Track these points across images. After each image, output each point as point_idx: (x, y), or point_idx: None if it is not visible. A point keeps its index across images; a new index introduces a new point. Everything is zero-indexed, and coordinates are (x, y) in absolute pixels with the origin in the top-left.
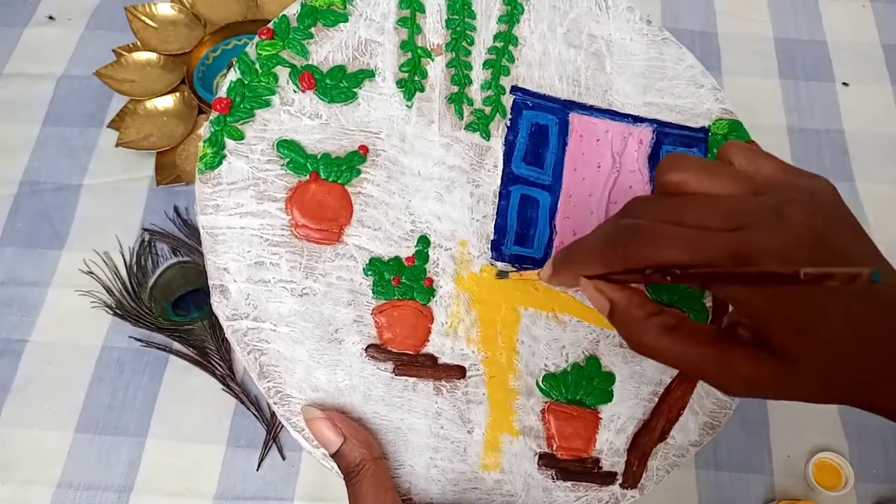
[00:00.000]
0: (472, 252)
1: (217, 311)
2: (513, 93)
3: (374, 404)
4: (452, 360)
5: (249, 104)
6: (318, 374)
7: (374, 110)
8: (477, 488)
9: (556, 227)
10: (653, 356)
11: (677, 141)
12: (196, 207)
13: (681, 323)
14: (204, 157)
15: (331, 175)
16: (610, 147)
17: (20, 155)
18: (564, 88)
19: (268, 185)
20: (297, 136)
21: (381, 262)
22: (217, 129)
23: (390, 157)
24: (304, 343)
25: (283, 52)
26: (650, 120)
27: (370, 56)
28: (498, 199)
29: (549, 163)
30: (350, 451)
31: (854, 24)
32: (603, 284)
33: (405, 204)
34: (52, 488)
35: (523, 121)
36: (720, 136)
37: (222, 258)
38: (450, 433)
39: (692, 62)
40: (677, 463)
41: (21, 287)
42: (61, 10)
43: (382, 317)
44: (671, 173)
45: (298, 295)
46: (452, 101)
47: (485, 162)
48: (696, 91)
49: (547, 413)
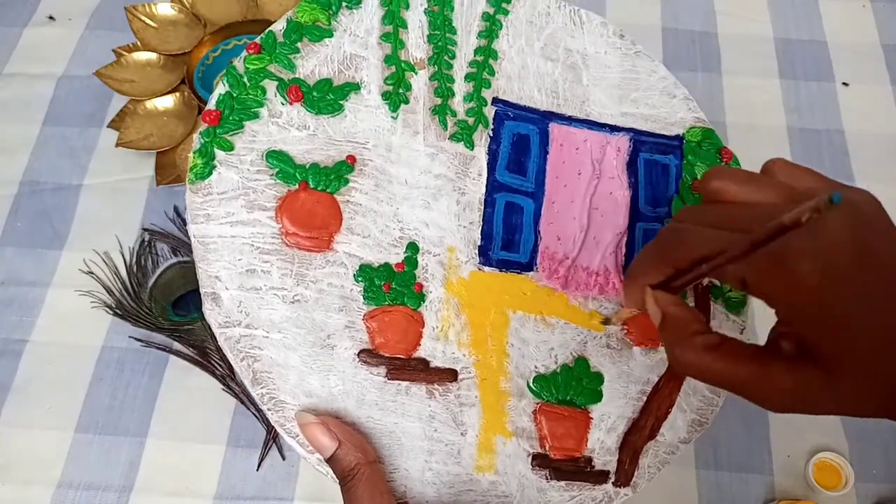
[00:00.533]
0: (459, 257)
1: (209, 318)
2: (494, 104)
3: (368, 408)
4: (444, 363)
5: (238, 116)
6: (311, 379)
7: (360, 122)
8: (472, 490)
9: (540, 233)
10: (691, 372)
11: (654, 148)
12: (187, 216)
13: (724, 342)
14: (194, 167)
15: (320, 184)
16: (589, 155)
17: (20, 155)
18: (544, 100)
19: (258, 195)
20: (285, 146)
21: (371, 269)
22: (207, 140)
23: (377, 166)
24: (297, 349)
25: (271, 66)
26: (627, 129)
27: (355, 70)
28: (483, 207)
29: (532, 171)
30: (345, 455)
31: (854, 24)
32: (660, 294)
33: (393, 212)
34: (52, 488)
35: (505, 131)
36: (694, 143)
37: (214, 266)
38: (443, 436)
39: (664, 74)
40: (668, 460)
41: (21, 287)
42: (61, 10)
43: (374, 322)
44: (714, 181)
45: (290, 302)
46: (436, 112)
47: (469, 171)
48: (669, 101)
49: (538, 414)
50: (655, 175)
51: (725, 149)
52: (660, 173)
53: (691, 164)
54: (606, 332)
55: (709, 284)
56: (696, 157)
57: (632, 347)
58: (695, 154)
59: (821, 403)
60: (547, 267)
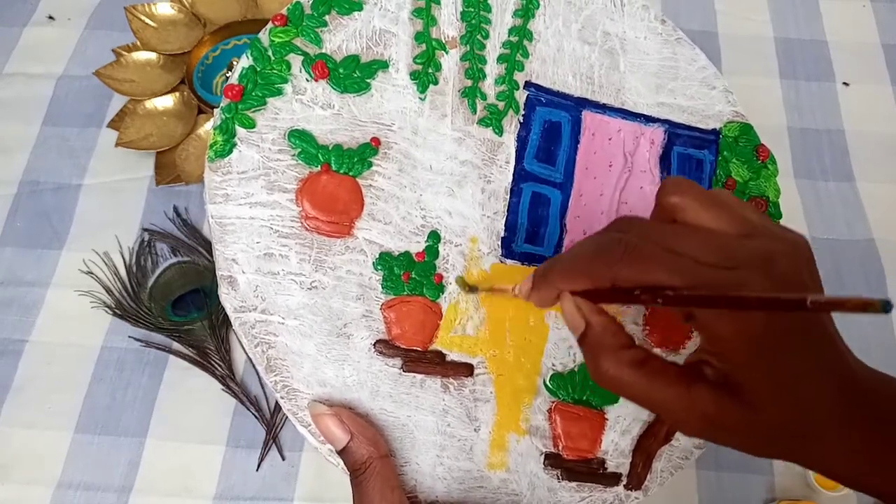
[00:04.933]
0: (482, 249)
1: (225, 302)
2: (526, 88)
3: (382, 400)
4: (460, 357)
5: (261, 92)
6: (325, 368)
7: (386, 102)
8: (482, 487)
9: (566, 226)
10: (613, 388)
11: (688, 142)
12: (205, 196)
13: (650, 359)
14: (214, 144)
15: (342, 167)
16: (622, 146)
17: (20, 155)
18: (578, 86)
19: (278, 176)
20: (308, 126)
21: (392, 257)
22: (228, 116)
23: (402, 150)
24: (313, 337)
25: (297, 40)
26: (662, 120)
27: (384, 47)
28: (509, 196)
29: (561, 161)
30: (357, 448)
31: (854, 24)
32: (584, 303)
33: (416, 198)
34: (52, 488)
35: (536, 117)
36: (731, 138)
37: (231, 249)
38: (456, 431)
39: (705, 63)
40: (681, 465)
41: (21, 287)
42: (61, 10)
43: (392, 312)
44: (673, 197)
45: (307, 288)
46: (466, 95)
47: (497, 158)
48: (708, 93)
49: (553, 413)
50: (689, 170)
51: (763, 146)
52: (693, 169)
53: (727, 160)
54: None
55: None
56: (732, 153)
57: (652, 349)
58: (731, 150)
59: (734, 436)
60: None
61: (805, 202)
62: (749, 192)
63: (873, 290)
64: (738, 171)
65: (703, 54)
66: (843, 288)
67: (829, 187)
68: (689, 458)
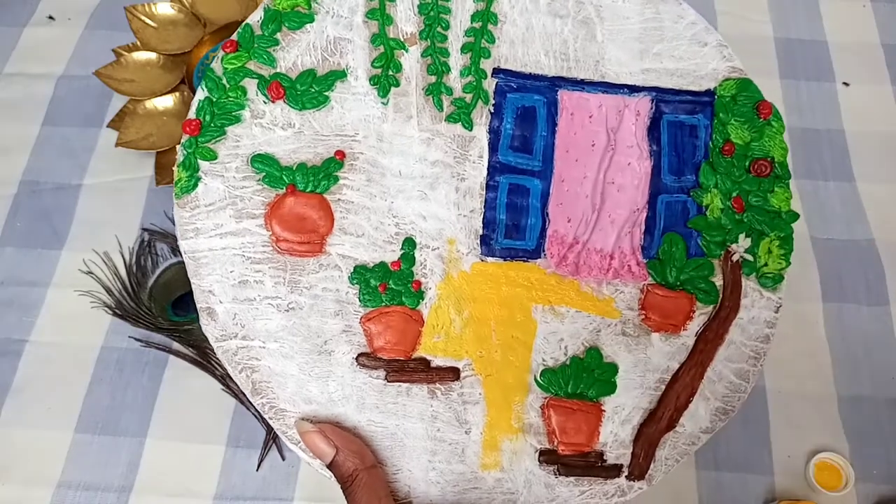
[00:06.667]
0: (460, 250)
1: (206, 332)
2: (495, 76)
3: (369, 412)
4: (445, 362)
5: (219, 122)
6: (310, 386)
7: (348, 112)
8: (477, 488)
9: (548, 216)
10: None
11: (679, 108)
12: (177, 232)
13: None
14: (179, 181)
15: (308, 185)
16: (604, 123)
17: (20, 155)
18: (552, 64)
19: (245, 203)
20: (270, 148)
21: (366, 269)
22: (189, 151)
23: (368, 159)
24: (294, 357)
25: (250, 63)
26: (648, 88)
27: (340, 55)
28: (485, 192)
29: (539, 147)
30: (343, 461)
31: (854, 24)
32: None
33: (387, 206)
34: (52, 488)
35: (508, 105)
36: (728, 97)
37: (206, 281)
38: (447, 435)
39: (694, 18)
40: (688, 451)
41: (21, 287)
42: (61, 10)
43: (371, 324)
44: None
45: (285, 310)
46: (430, 92)
47: (469, 153)
48: (699, 50)
49: (547, 408)
50: (681, 139)
51: (764, 102)
52: (686, 136)
53: (723, 122)
54: (622, 319)
55: (740, 259)
56: (730, 114)
57: (650, 334)
58: (727, 111)
59: None
60: (556, 253)
61: (805, 202)
62: (752, 153)
63: (873, 289)
64: (738, 133)
65: (692, 9)
66: (842, 288)
67: (829, 187)
68: (696, 444)
